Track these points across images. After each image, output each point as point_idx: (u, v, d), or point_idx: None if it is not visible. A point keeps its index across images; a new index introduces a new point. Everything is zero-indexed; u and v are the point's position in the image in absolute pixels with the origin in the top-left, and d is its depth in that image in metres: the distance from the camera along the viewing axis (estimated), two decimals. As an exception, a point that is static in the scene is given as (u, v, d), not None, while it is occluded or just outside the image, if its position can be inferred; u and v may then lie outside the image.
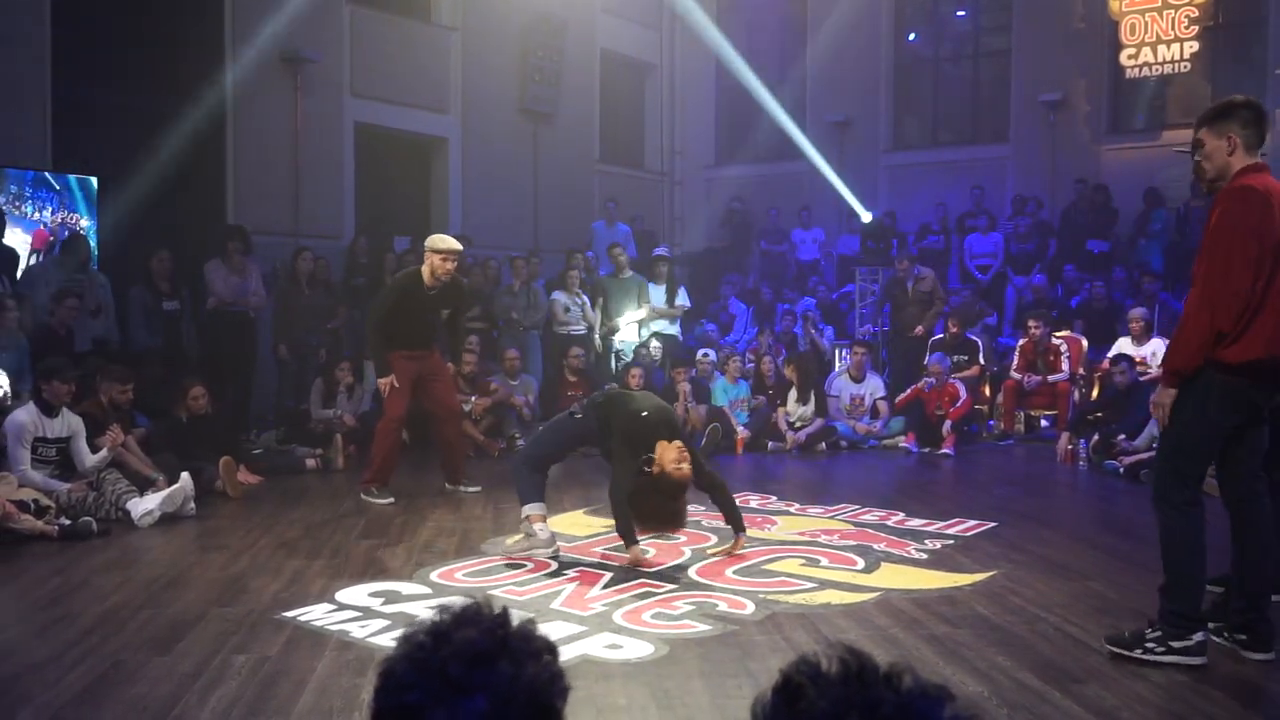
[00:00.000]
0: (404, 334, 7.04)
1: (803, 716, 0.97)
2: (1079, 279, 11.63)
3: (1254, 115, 3.72)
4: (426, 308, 7.11)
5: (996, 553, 5.54)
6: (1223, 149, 3.72)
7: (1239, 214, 3.61)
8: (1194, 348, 3.67)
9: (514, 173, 13.39)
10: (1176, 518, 3.77)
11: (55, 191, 9.01)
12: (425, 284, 7.00)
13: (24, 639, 4.16)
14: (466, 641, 1.15)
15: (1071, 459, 8.66)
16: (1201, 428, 3.75)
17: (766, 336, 11.51)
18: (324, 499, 7.15)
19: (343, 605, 4.54)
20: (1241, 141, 3.70)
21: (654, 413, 5.34)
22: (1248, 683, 3.67)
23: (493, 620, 1.19)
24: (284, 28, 10.66)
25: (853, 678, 0.99)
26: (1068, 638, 4.10)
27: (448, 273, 7.01)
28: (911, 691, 0.97)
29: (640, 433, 5.21)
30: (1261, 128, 3.74)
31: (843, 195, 13.82)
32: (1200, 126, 3.80)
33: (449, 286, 7.15)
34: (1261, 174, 3.70)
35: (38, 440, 6.49)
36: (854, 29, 14.95)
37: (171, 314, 8.82)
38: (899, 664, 1.01)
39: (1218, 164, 3.75)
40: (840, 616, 4.43)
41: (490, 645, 1.15)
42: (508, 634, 1.17)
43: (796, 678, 1.00)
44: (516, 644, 1.17)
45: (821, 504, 6.94)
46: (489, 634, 1.16)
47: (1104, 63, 13.47)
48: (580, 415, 5.50)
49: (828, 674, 1.00)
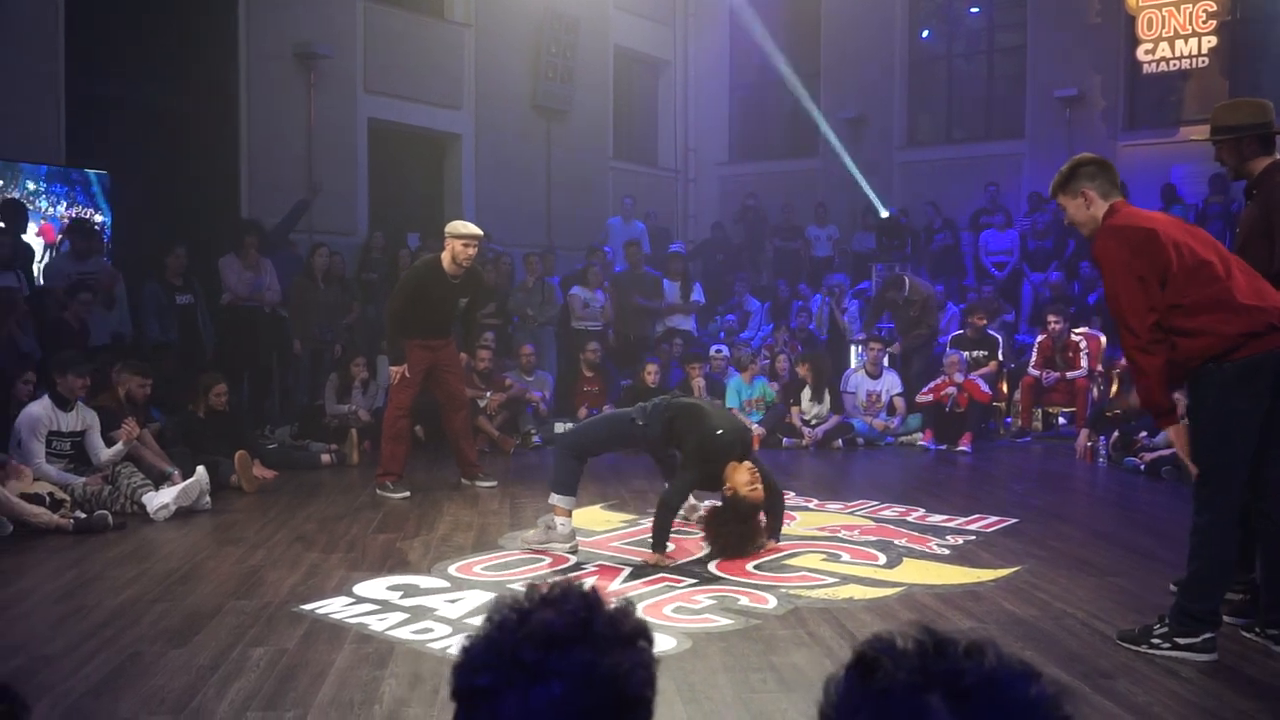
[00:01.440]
0: (422, 322, 6.99)
1: (880, 690, 0.92)
2: (1096, 276, 11.53)
3: (1097, 167, 3.91)
4: (446, 295, 7.04)
5: (1018, 548, 5.47)
6: (1081, 206, 3.89)
7: (1113, 248, 3.74)
8: (1153, 385, 3.71)
9: (527, 169, 13.36)
10: (1213, 520, 3.70)
11: (70, 186, 9.01)
12: (446, 271, 6.94)
13: (41, 631, 4.13)
14: (543, 623, 1.09)
15: (1091, 456, 8.58)
16: (1226, 424, 3.68)
17: (782, 333, 11.45)
18: (339, 493, 7.12)
19: (360, 598, 4.50)
20: (1096, 193, 3.86)
21: (729, 433, 5.22)
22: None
23: (577, 602, 1.13)
24: (298, 24, 10.65)
25: (930, 651, 0.94)
26: (1095, 633, 4.04)
27: (469, 258, 6.95)
28: (995, 665, 0.92)
29: (714, 450, 5.11)
30: (1109, 175, 3.91)
31: (857, 192, 13.76)
32: (1054, 195, 4.01)
33: (469, 275, 7.09)
34: (1120, 211, 3.85)
35: (52, 434, 6.47)
36: (867, 26, 14.88)
37: (185, 308, 8.79)
38: (981, 639, 0.95)
39: (1083, 220, 3.92)
40: (864, 611, 4.37)
41: (568, 629, 1.09)
42: (592, 618, 1.11)
43: (870, 653, 0.95)
44: (601, 629, 1.11)
45: (840, 499, 6.89)
46: (569, 616, 1.10)
47: (1120, 58, 13.36)
48: (643, 423, 5.35)
49: (904, 649, 0.95)
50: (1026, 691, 0.91)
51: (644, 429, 5.36)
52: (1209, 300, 3.64)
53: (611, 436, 5.63)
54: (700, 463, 5.13)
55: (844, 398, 9.88)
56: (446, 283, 6.98)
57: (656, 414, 5.37)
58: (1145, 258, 3.66)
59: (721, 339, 11.56)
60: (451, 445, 7.40)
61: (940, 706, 0.89)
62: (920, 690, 0.90)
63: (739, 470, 5.07)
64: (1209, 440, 3.74)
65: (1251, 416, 3.67)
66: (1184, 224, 4.04)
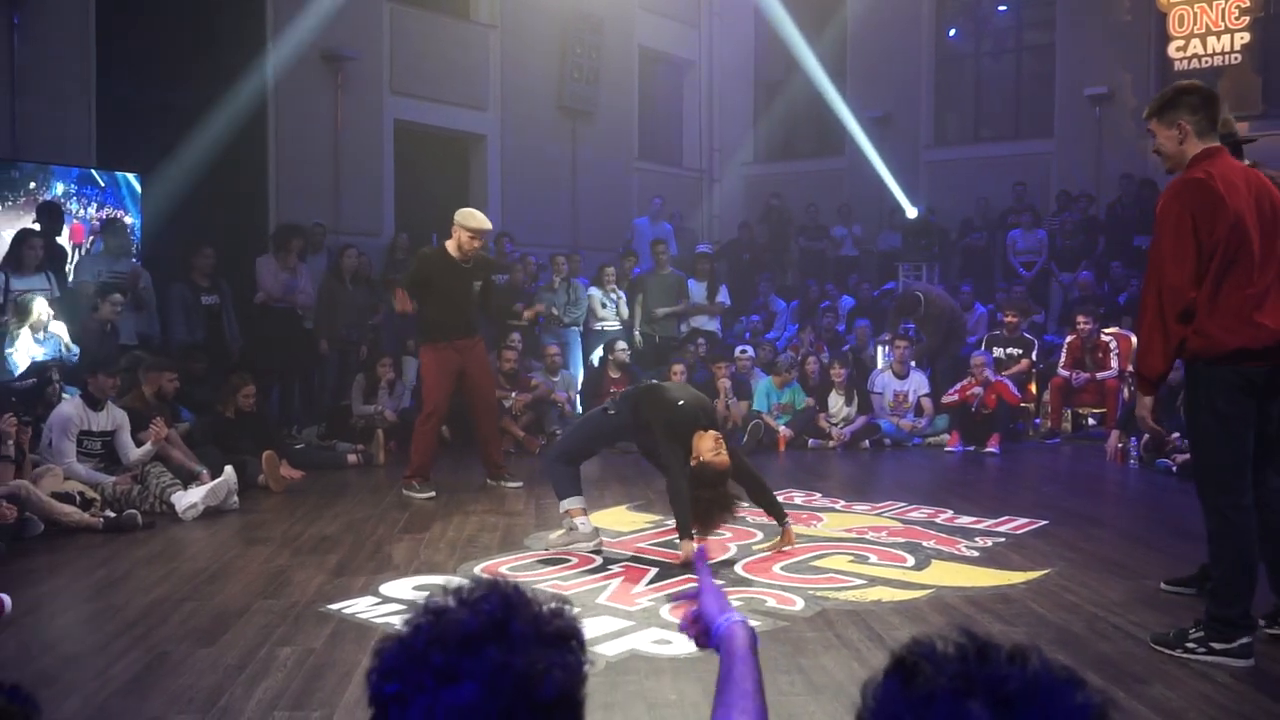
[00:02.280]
0: (444, 318, 6.96)
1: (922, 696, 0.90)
2: (1125, 275, 11.42)
3: (1201, 100, 3.68)
4: (457, 282, 6.97)
5: (1049, 551, 5.42)
6: (1174, 138, 3.70)
7: (1177, 209, 3.57)
8: (1157, 352, 3.63)
9: (553, 170, 13.37)
10: (1222, 521, 3.68)
11: (100, 189, 9.09)
12: (454, 257, 6.92)
13: (71, 630, 4.16)
14: (456, 624, 1.03)
15: (1122, 458, 8.48)
16: (1219, 426, 3.65)
17: (808, 333, 11.39)
18: (366, 493, 7.14)
19: (387, 598, 4.51)
20: (1192, 129, 3.66)
21: (690, 401, 5.25)
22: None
23: (495, 602, 1.06)
24: (324, 26, 10.70)
25: (972, 657, 0.91)
26: (1128, 636, 3.99)
27: (474, 250, 6.94)
28: (1039, 672, 0.90)
29: (679, 421, 5.11)
30: (1211, 111, 3.69)
31: (883, 191, 13.68)
32: (1150, 117, 3.78)
33: (478, 259, 7.08)
34: (1214, 159, 3.63)
35: (83, 434, 6.54)
36: (894, 24, 14.79)
37: (211, 308, 8.85)
38: (1024, 644, 0.93)
39: (1170, 152, 3.72)
40: (892, 614, 4.33)
41: (482, 629, 1.03)
42: (509, 617, 1.05)
43: (911, 657, 0.93)
44: (520, 629, 1.04)
45: (868, 501, 6.84)
46: (484, 616, 1.04)
47: (1151, 55, 13.21)
48: (613, 411, 5.41)
49: (945, 653, 0.92)
50: (1071, 699, 0.88)
51: (615, 418, 5.38)
52: (1232, 305, 3.58)
53: (591, 434, 5.62)
54: (673, 437, 5.08)
55: (871, 398, 9.82)
56: (455, 268, 6.93)
57: (624, 400, 5.43)
58: (1214, 219, 3.52)
59: (747, 339, 11.52)
60: (479, 446, 7.40)
61: (983, 713, 0.87)
62: (962, 696, 0.88)
63: (704, 438, 5.02)
64: (1203, 440, 3.73)
65: (1242, 420, 3.65)
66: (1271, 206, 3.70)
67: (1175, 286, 3.56)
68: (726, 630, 1.56)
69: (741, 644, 1.53)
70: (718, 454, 5.01)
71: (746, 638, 1.54)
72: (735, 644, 1.53)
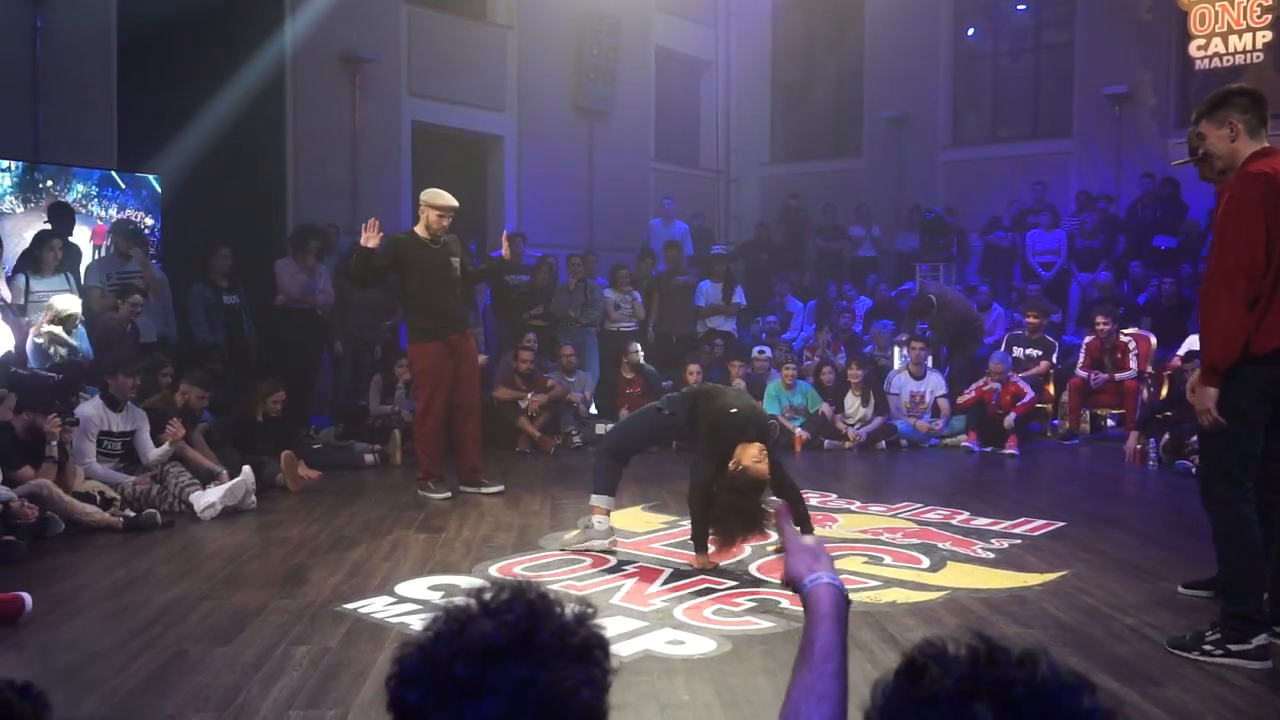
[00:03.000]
0: (432, 308, 6.83)
1: (927, 696, 0.90)
2: (1145, 275, 11.36)
3: (1251, 100, 3.71)
4: (433, 263, 6.85)
5: (1065, 552, 5.39)
6: (1225, 137, 3.71)
7: (1246, 198, 3.57)
8: (1232, 338, 3.58)
9: (570, 171, 13.38)
10: (1229, 515, 3.70)
11: (121, 190, 9.16)
12: (422, 238, 6.86)
13: (90, 627, 4.20)
14: (480, 635, 1.01)
15: (1141, 459, 8.42)
16: (1237, 423, 3.67)
17: (825, 334, 11.36)
18: (382, 493, 7.17)
19: (402, 598, 4.53)
20: (1244, 127, 3.68)
21: (743, 410, 5.07)
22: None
23: (520, 612, 1.04)
24: (343, 28, 10.76)
25: (982, 659, 0.91)
26: (1144, 639, 3.97)
27: (443, 229, 6.87)
28: (1047, 676, 0.89)
29: (725, 430, 4.94)
30: (1261, 111, 3.71)
31: (901, 192, 13.63)
32: (1199, 119, 3.79)
33: (448, 241, 6.98)
34: (1271, 158, 3.65)
35: (103, 434, 6.59)
36: (912, 24, 14.74)
37: (231, 308, 8.90)
38: (1034, 648, 0.93)
39: (1223, 152, 3.72)
40: (907, 615, 4.33)
41: (507, 641, 1.01)
42: (535, 628, 1.02)
43: (920, 658, 0.93)
44: (545, 641, 1.02)
45: (883, 502, 6.82)
46: (508, 628, 1.02)
47: (1171, 55, 13.12)
48: (668, 411, 5.33)
49: (954, 655, 0.92)
50: (1079, 704, 0.88)
51: (671, 418, 5.33)
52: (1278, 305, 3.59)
53: (643, 431, 5.61)
54: (713, 444, 4.95)
55: (888, 399, 9.80)
56: (426, 247, 6.84)
57: (681, 401, 5.37)
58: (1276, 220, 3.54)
59: (764, 340, 11.51)
60: (455, 447, 7.11)
61: (986, 716, 0.87)
62: (967, 699, 0.88)
63: (748, 448, 4.89)
64: (1217, 435, 3.71)
65: (1258, 421, 3.68)
66: None
67: (1251, 274, 3.55)
68: (810, 592, 1.47)
69: (825, 607, 1.43)
70: (759, 462, 4.89)
71: (831, 600, 1.44)
72: (819, 608, 1.43)
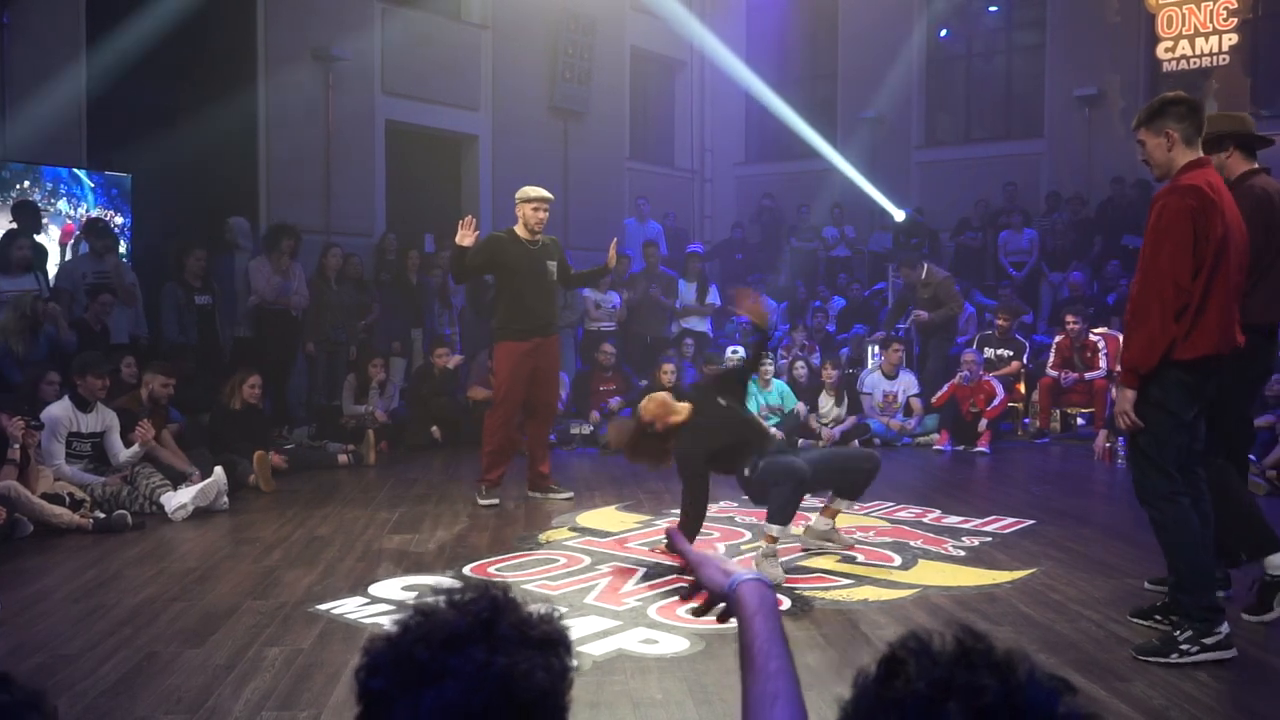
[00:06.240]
0: (520, 308, 6.62)
1: (894, 698, 0.89)
2: (1116, 275, 11.48)
3: (1187, 109, 3.79)
4: (530, 263, 6.66)
5: (1035, 550, 5.45)
6: (1161, 146, 3.79)
7: (1178, 211, 3.64)
8: (1156, 344, 3.67)
9: (544, 170, 13.32)
10: (1167, 509, 3.77)
11: (90, 189, 9.07)
12: (521, 237, 6.69)
13: (60, 630, 4.16)
14: (443, 624, 1.04)
15: (1109, 457, 8.51)
16: (1166, 421, 3.76)
17: (800, 334, 11.41)
18: (356, 494, 7.15)
19: (376, 599, 4.52)
20: (1180, 136, 3.76)
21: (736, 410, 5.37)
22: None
23: (484, 604, 1.07)
24: (316, 26, 10.70)
25: (960, 660, 0.89)
26: (1111, 635, 4.02)
27: (540, 222, 6.66)
28: (1022, 681, 0.87)
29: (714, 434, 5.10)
30: (1197, 120, 3.79)
31: (874, 193, 13.69)
32: (1138, 128, 3.87)
33: (547, 240, 6.82)
34: (1204, 169, 3.76)
35: (72, 435, 6.54)
36: (885, 25, 14.83)
37: (203, 308, 8.84)
38: (1016, 650, 0.91)
39: (1159, 161, 3.81)
40: (878, 613, 4.36)
41: (468, 629, 1.04)
42: (496, 619, 1.05)
43: (901, 653, 0.91)
44: (505, 630, 1.05)
45: (856, 501, 6.84)
46: (471, 617, 1.05)
47: (1141, 57, 13.26)
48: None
49: (936, 653, 0.91)
50: (1053, 709, 0.87)
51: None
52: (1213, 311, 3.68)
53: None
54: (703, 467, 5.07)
55: (861, 398, 9.85)
56: (524, 247, 6.66)
57: None
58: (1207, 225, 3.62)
59: (738, 340, 11.53)
60: (528, 450, 7.00)
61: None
62: (939, 702, 0.87)
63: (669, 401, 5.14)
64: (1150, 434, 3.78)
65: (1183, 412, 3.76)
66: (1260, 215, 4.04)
67: (1180, 284, 3.63)
68: (736, 593, 1.44)
69: (753, 604, 1.40)
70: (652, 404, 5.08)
71: (757, 595, 1.42)
72: (748, 606, 1.41)
